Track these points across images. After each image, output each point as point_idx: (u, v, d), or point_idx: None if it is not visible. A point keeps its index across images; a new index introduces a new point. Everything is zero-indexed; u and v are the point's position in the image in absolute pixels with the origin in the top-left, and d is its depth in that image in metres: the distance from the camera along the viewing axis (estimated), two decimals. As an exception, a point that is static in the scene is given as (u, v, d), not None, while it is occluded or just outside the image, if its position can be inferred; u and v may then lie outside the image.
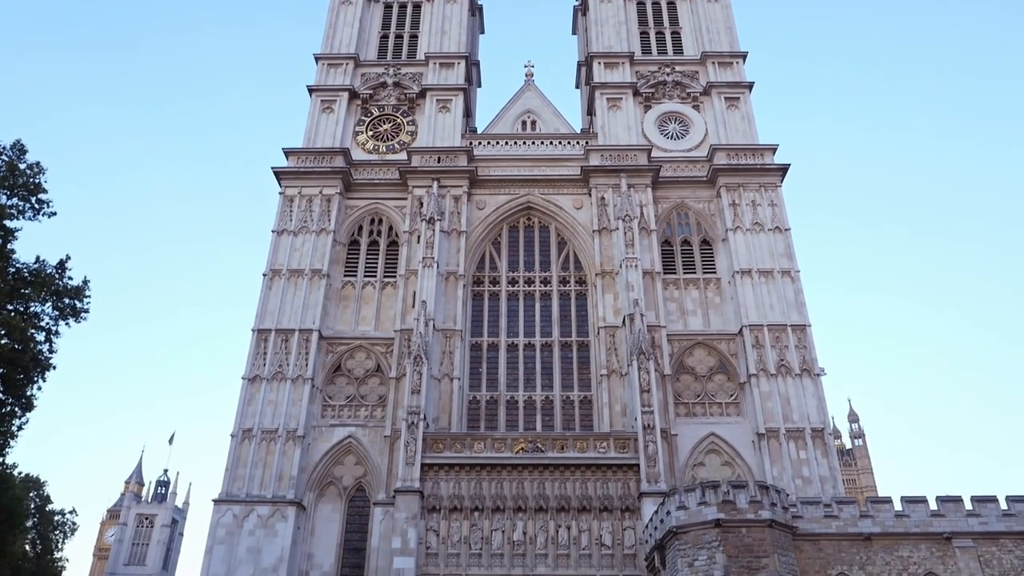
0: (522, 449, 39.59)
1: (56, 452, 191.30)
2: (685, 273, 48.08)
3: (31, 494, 65.79)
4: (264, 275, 47.15)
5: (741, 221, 48.23)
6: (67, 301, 33.45)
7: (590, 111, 57.24)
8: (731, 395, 43.90)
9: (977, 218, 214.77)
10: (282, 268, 47.26)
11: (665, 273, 47.54)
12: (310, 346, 44.59)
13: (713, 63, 55.36)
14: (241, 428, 42.20)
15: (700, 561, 28.05)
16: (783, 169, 50.09)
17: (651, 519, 34.22)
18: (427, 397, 41.36)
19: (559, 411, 44.35)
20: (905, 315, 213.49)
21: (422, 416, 40.01)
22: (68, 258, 33.44)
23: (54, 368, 33.36)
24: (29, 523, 65.55)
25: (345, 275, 48.53)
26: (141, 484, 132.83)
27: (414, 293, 45.77)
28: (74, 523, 72.11)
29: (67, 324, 33.74)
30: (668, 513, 30.08)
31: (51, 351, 33.14)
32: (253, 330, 45.19)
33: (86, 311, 33.90)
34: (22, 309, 32.79)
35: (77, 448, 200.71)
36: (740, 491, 28.80)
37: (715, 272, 48.08)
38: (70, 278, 33.30)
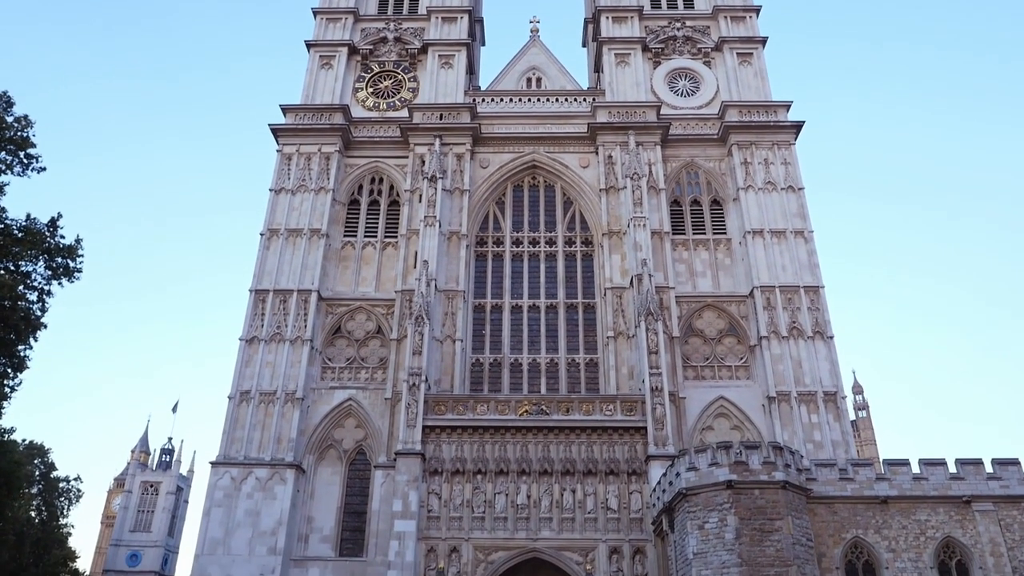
0: (526, 412, 38.57)
1: (64, 422, 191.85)
2: (695, 234, 46.66)
3: (35, 461, 65.49)
4: (261, 235, 45.90)
5: (753, 180, 46.70)
6: (60, 260, 32.38)
7: (597, 68, 55.45)
8: (741, 358, 42.73)
9: (985, 194, 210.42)
10: (280, 227, 45.98)
11: (674, 234, 46.13)
12: (309, 307, 43.46)
13: (725, 17, 53.39)
14: (239, 390, 41.24)
15: (711, 523, 27.06)
16: (797, 127, 48.42)
17: (659, 482, 33.25)
18: (429, 359, 40.29)
19: (564, 374, 43.26)
20: (911, 287, 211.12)
21: (423, 378, 38.97)
22: (60, 216, 32.24)
23: (45, 327, 32.42)
24: (34, 490, 65.43)
25: (345, 235, 47.25)
26: (147, 453, 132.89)
27: (415, 253, 44.53)
28: (79, 490, 71.85)
29: (60, 284, 32.70)
30: (677, 475, 29.05)
31: (43, 310, 32.12)
32: (250, 290, 44.06)
33: (79, 271, 32.83)
34: (12, 267, 31.73)
35: (85, 418, 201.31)
36: (753, 452, 27.72)
37: (725, 233, 46.67)
38: (62, 236, 32.17)
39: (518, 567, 36.23)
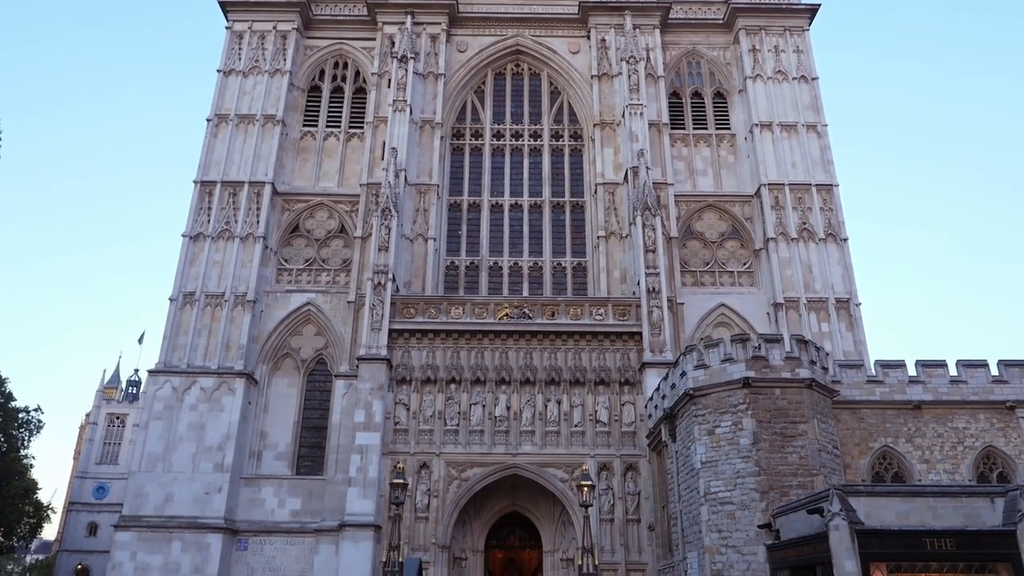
0: (507, 315, 34.25)
1: (43, 366, 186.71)
2: (695, 129, 41.95)
3: (-8, 391, 61.07)
4: (208, 120, 40.54)
5: (762, 69, 41.86)
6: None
7: (589, -50, 49.58)
8: (744, 263, 38.61)
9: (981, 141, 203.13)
10: (230, 113, 40.62)
11: (673, 128, 41.41)
12: (262, 201, 38.47)
13: None
14: (181, 291, 36.48)
15: (723, 428, 23.09)
16: (812, 10, 43.38)
17: (657, 388, 29.26)
18: (398, 258, 35.78)
19: (549, 279, 38.88)
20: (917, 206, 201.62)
21: (390, 276, 34.43)
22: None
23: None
24: (-9, 422, 61.15)
25: (304, 124, 41.99)
26: (117, 387, 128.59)
27: (383, 143, 39.55)
28: (39, 421, 67.67)
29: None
30: (683, 375, 24.96)
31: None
32: (195, 182, 38.93)
33: (-4, 156, 27.76)
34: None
35: (62, 360, 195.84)
36: (774, 346, 23.62)
37: (729, 128, 42.01)
38: (-28, 118, 27.04)
39: (496, 485, 32.44)
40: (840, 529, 16.27)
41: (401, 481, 17.65)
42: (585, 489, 17.68)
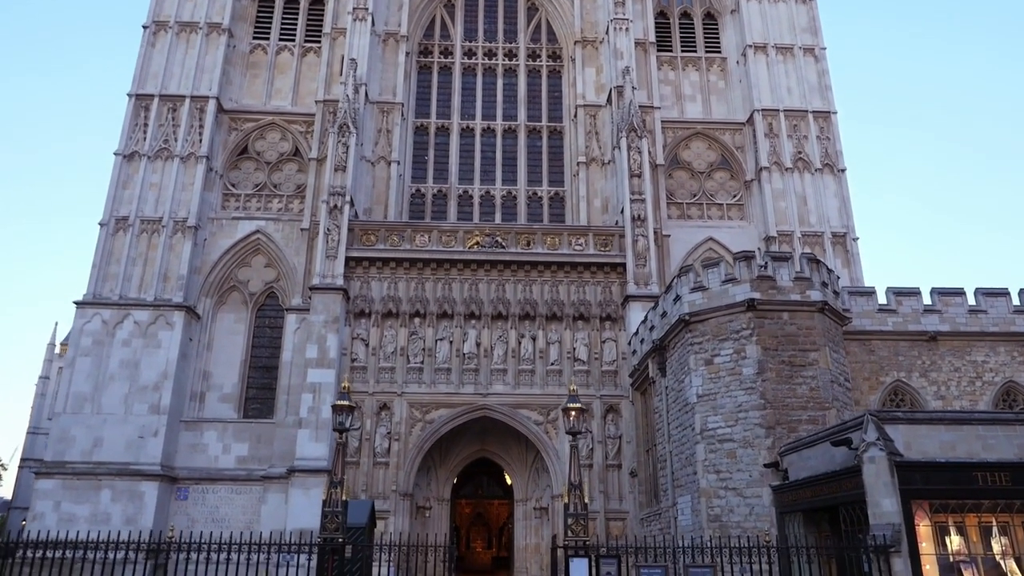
0: (477, 244, 31.04)
1: (8, 332, 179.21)
2: (684, 51, 38.70)
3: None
4: (145, 27, 36.20)
5: (757, -14, 38.56)
6: None
7: None
8: (734, 195, 35.82)
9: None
10: (169, 20, 36.29)
11: (659, 51, 38.12)
12: (205, 117, 34.46)
13: None
14: (113, 215, 32.57)
15: (723, 357, 20.28)
16: (810, -76, 40.01)
17: (644, 320, 26.39)
18: (357, 181, 32.31)
19: (524, 209, 35.70)
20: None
21: (348, 200, 30.96)
22: None
23: None
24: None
25: (255, 37, 37.84)
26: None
27: (342, 58, 35.62)
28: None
29: None
30: (676, 299, 22.04)
31: None
32: (130, 95, 34.75)
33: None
34: None
35: (27, 324, 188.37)
36: (782, 265, 20.77)
37: (720, 51, 38.84)
38: None
39: (463, 428, 29.61)
40: (877, 461, 13.56)
41: (346, 403, 14.59)
42: (572, 414, 14.78)
